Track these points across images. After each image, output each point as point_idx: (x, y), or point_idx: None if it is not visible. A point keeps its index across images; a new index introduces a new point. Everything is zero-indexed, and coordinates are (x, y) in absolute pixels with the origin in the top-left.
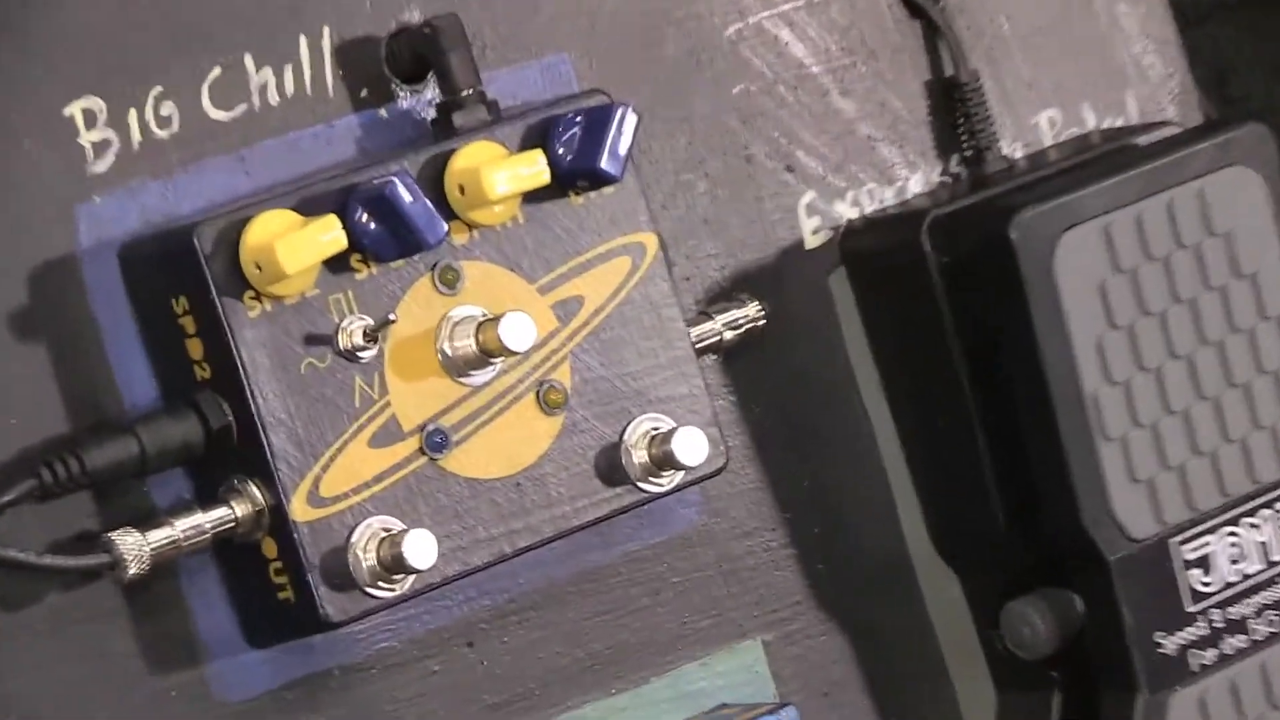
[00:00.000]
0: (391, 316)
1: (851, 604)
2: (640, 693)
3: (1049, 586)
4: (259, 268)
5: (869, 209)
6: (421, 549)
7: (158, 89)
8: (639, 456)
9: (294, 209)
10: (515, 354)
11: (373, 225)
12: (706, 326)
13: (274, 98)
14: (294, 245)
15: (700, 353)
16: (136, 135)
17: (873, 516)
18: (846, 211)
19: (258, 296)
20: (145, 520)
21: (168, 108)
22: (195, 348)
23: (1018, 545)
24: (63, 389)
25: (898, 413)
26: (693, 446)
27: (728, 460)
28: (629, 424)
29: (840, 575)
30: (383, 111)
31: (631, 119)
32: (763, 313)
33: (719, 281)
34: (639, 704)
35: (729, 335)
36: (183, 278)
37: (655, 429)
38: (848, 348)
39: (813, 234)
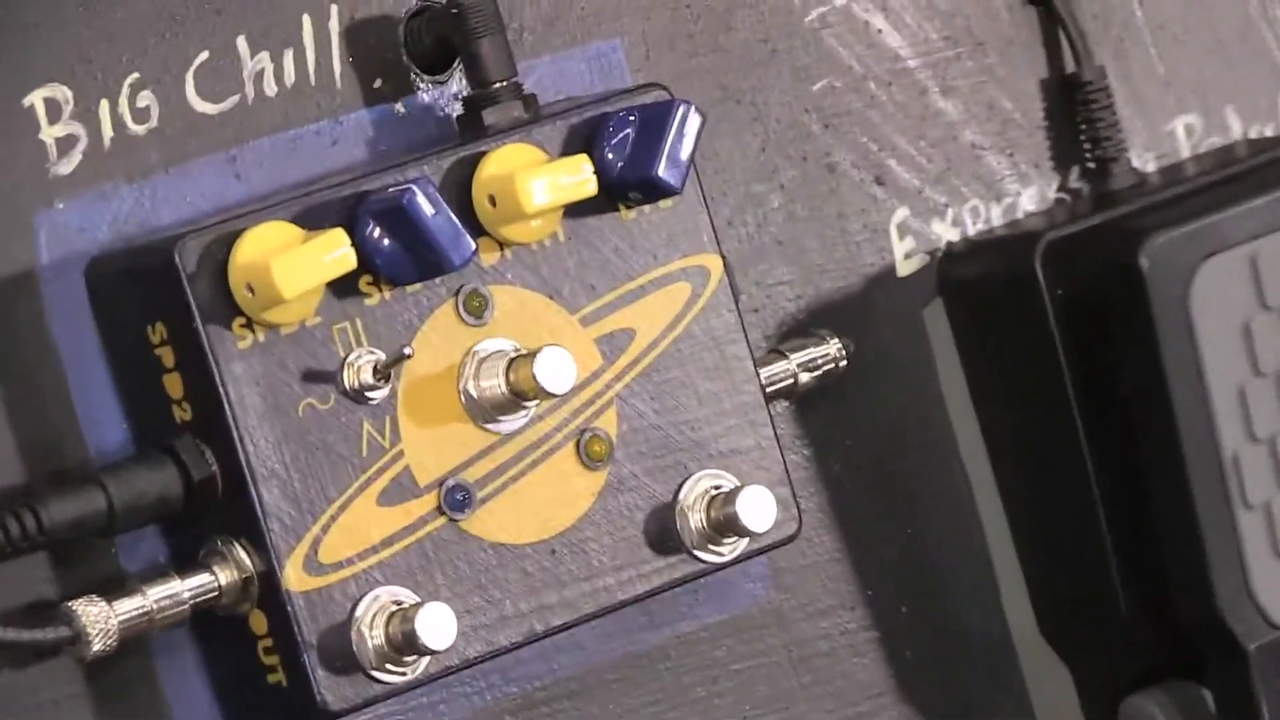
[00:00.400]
0: (407, 350)
1: (944, 698)
2: None
3: (1175, 679)
4: (251, 290)
5: (972, 230)
6: (438, 626)
7: (134, 76)
8: (696, 520)
9: (294, 221)
10: (552, 397)
11: (386, 242)
12: (779, 367)
13: (271, 88)
14: (293, 265)
15: (770, 398)
16: (108, 130)
17: (970, 594)
18: (946, 232)
19: (249, 324)
20: (112, 587)
21: (145, 98)
22: (174, 384)
23: (1140, 631)
24: (17, 430)
25: (1001, 472)
26: (759, 509)
27: (800, 526)
28: (685, 481)
29: (931, 663)
30: (399, 106)
31: (694, 119)
32: (844, 352)
33: (794, 314)
34: None
35: (805, 378)
36: (161, 301)
37: (716, 488)
38: (944, 394)
39: (905, 259)
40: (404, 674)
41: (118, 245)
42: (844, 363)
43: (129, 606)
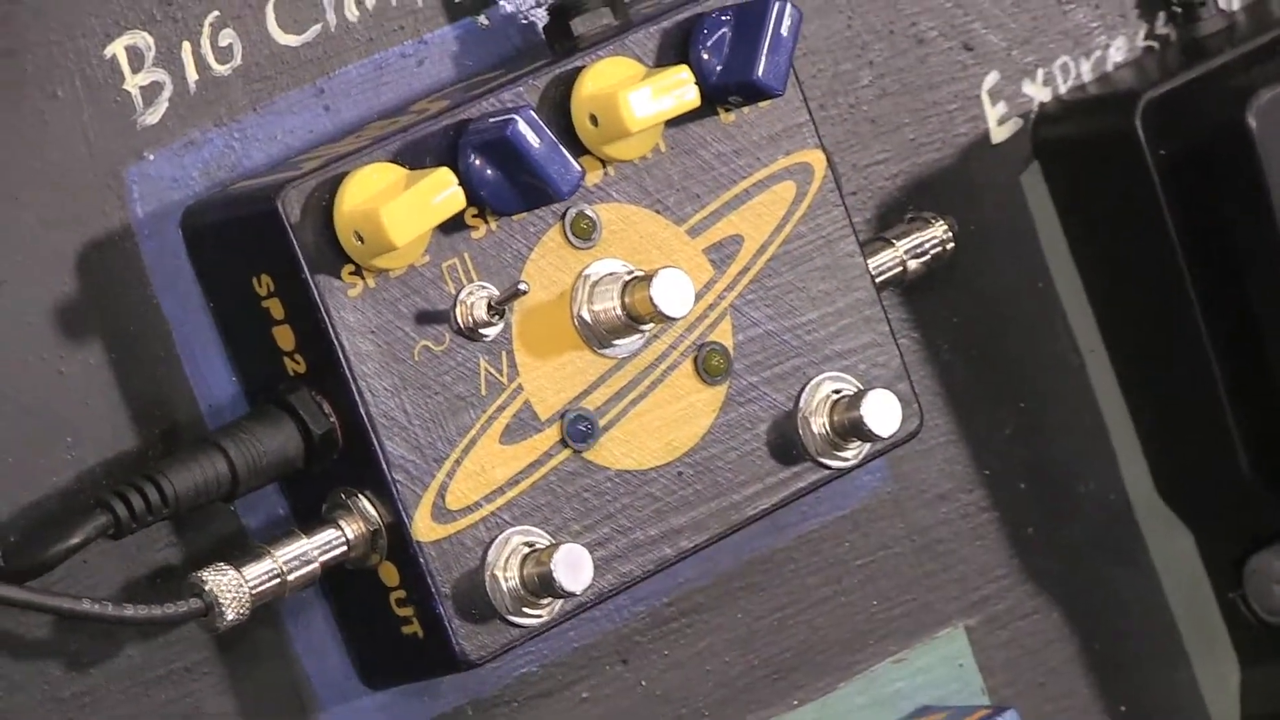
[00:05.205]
0: (522, 286)
1: (1067, 573)
2: (827, 702)
3: None
4: (360, 238)
5: (1063, 87)
6: (574, 568)
7: (214, 14)
8: (819, 426)
9: (395, 160)
10: (672, 321)
11: (490, 173)
12: (886, 256)
13: (352, 13)
14: (403, 211)
15: (879, 289)
16: (192, 74)
17: (1088, 465)
18: (1037, 93)
19: (358, 271)
20: (236, 549)
21: (227, 37)
22: (285, 337)
23: (1262, 490)
24: (127, 391)
25: (1112, 339)
26: (885, 413)
27: (922, 421)
28: (805, 387)
29: (1052, 539)
30: (483, 19)
31: (792, 14)
32: (951, 234)
33: (891, 193)
34: (827, 715)
35: (913, 265)
36: (265, 252)
37: (837, 392)
38: (1048, 263)
39: (999, 124)
40: (540, 616)
41: (211, 192)
42: (951, 244)
43: (259, 571)
